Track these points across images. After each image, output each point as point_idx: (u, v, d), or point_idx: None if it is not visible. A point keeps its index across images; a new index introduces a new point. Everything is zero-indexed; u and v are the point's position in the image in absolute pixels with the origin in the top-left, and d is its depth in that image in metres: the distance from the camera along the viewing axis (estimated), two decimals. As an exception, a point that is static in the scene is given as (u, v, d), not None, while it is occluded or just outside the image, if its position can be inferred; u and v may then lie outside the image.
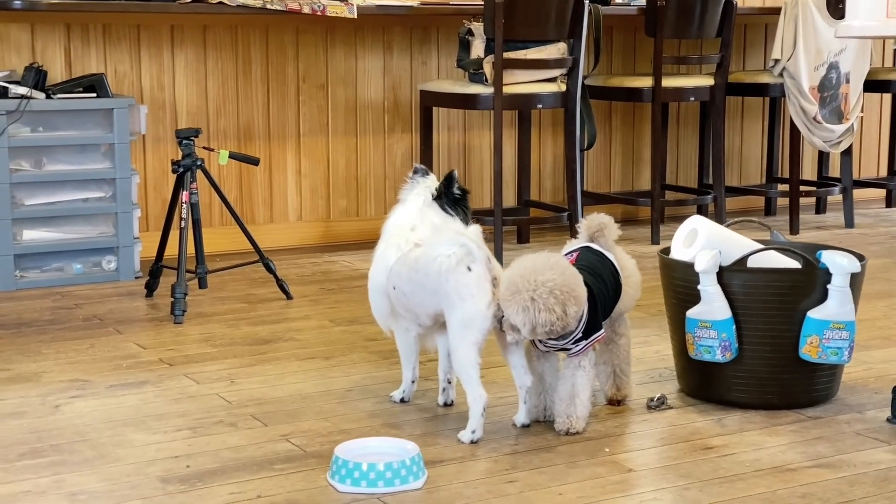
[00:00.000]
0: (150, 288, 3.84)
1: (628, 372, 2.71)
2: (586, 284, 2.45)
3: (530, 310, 2.33)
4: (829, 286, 2.59)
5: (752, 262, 2.66)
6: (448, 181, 2.69)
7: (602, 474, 2.29)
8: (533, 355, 2.55)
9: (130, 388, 2.86)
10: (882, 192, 5.96)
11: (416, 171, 2.73)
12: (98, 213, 4.10)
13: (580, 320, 2.44)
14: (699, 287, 2.62)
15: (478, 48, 4.44)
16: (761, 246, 2.72)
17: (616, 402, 2.70)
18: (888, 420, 2.60)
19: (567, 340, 2.46)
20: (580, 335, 2.46)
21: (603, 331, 2.52)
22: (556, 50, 4.46)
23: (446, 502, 2.16)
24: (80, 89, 4.07)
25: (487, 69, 4.35)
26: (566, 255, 2.59)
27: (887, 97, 5.88)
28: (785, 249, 2.76)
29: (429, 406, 2.71)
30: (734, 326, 2.61)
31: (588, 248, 2.61)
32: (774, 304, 2.61)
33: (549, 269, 2.36)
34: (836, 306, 2.58)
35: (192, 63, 4.53)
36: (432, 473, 2.27)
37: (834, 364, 2.67)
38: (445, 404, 2.69)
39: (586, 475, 2.28)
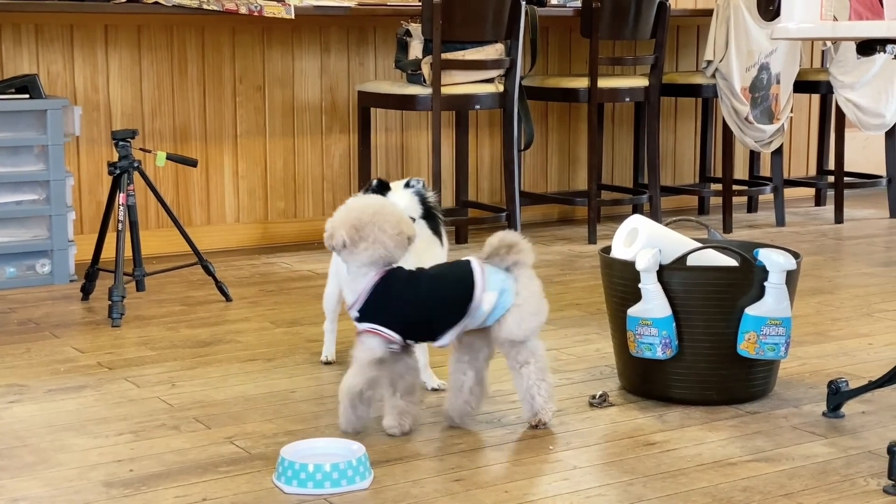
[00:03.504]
0: (86, 291, 3.79)
1: (544, 394, 2.54)
2: (388, 276, 2.43)
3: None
4: (765, 283, 2.63)
5: (691, 261, 2.70)
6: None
7: (547, 471, 2.31)
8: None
9: (70, 393, 2.82)
10: (811, 191, 6.07)
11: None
12: (32, 215, 4.04)
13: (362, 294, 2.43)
14: (640, 285, 2.65)
15: (416, 49, 4.45)
16: (700, 245, 2.76)
17: (534, 427, 2.57)
18: (824, 414, 2.65)
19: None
20: (357, 313, 2.44)
21: (378, 327, 2.42)
22: (494, 51, 4.49)
23: (393, 502, 2.16)
24: (13, 90, 4.01)
25: (425, 70, 4.37)
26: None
27: (816, 98, 5.99)
28: (723, 248, 2.80)
29: (374, 406, 2.71)
30: (674, 324, 2.65)
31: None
32: (713, 302, 2.66)
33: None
34: (772, 303, 2.63)
35: (127, 64, 4.48)
36: (378, 473, 2.28)
37: (771, 360, 2.72)
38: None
39: (531, 473, 2.30)
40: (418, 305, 2.45)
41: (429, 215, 2.79)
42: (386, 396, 2.51)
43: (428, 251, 2.75)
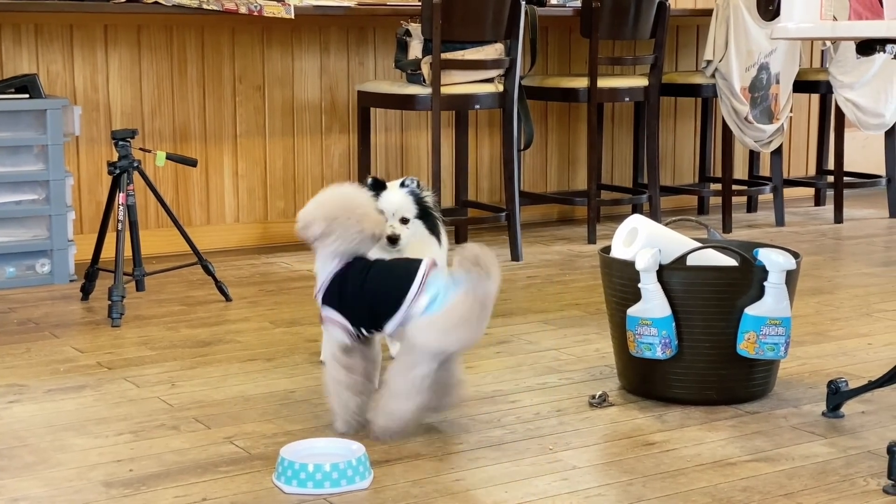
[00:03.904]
0: (86, 291, 3.79)
1: (380, 408, 2.48)
2: (348, 266, 2.49)
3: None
4: (765, 283, 2.63)
5: (691, 261, 2.70)
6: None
7: (547, 472, 2.31)
8: None
9: (69, 393, 2.82)
10: (811, 191, 6.07)
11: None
12: (31, 215, 4.04)
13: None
14: (639, 285, 2.65)
15: (415, 49, 4.44)
16: (700, 244, 2.76)
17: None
18: (823, 414, 2.65)
19: None
20: (320, 299, 2.53)
21: (334, 313, 2.49)
22: (494, 51, 4.49)
23: (393, 502, 2.16)
24: (12, 90, 4.01)
25: (425, 70, 4.36)
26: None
27: (815, 97, 5.99)
28: (722, 248, 2.80)
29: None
30: (674, 324, 2.65)
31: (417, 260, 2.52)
32: (713, 302, 2.66)
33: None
34: (772, 303, 2.63)
35: (127, 63, 4.48)
36: (378, 473, 2.28)
37: (771, 360, 2.72)
38: None
39: (531, 473, 2.30)
40: (363, 294, 2.48)
41: (425, 214, 2.80)
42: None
43: (423, 251, 2.76)
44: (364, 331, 2.51)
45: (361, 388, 2.50)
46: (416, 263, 2.48)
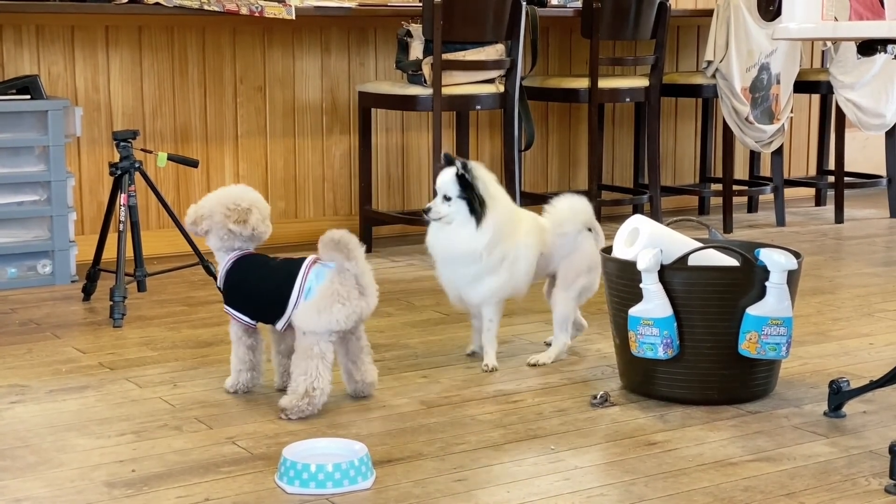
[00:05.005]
0: (88, 292, 3.80)
1: (292, 387, 2.67)
2: (239, 261, 2.72)
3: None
4: (767, 283, 2.64)
5: (693, 261, 2.70)
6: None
7: (549, 471, 2.31)
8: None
9: (71, 393, 2.82)
10: (811, 191, 6.07)
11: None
12: (33, 216, 4.04)
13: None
14: (641, 285, 2.65)
15: (416, 49, 4.45)
16: (701, 244, 2.76)
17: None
18: (825, 414, 2.65)
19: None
20: (221, 292, 2.74)
21: (231, 310, 2.71)
22: (495, 51, 4.49)
23: (395, 502, 2.16)
24: (14, 91, 4.01)
25: (426, 70, 4.37)
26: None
27: (816, 98, 5.99)
28: (724, 248, 2.80)
29: (376, 406, 2.71)
30: (675, 324, 2.65)
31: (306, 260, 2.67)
32: (714, 302, 2.66)
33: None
34: (774, 303, 2.64)
35: (128, 64, 4.48)
36: (380, 473, 2.28)
37: (772, 359, 2.72)
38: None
39: (533, 473, 2.31)
40: (254, 296, 2.70)
41: (470, 196, 2.93)
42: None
43: (459, 231, 2.93)
44: (261, 321, 2.74)
45: (256, 366, 2.79)
46: (297, 265, 2.63)
